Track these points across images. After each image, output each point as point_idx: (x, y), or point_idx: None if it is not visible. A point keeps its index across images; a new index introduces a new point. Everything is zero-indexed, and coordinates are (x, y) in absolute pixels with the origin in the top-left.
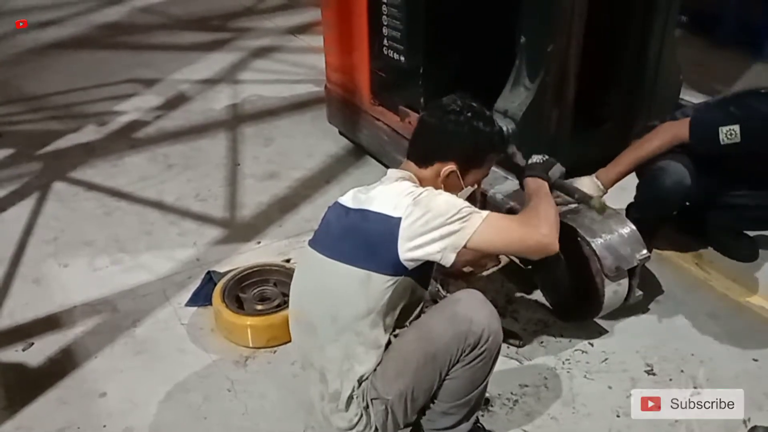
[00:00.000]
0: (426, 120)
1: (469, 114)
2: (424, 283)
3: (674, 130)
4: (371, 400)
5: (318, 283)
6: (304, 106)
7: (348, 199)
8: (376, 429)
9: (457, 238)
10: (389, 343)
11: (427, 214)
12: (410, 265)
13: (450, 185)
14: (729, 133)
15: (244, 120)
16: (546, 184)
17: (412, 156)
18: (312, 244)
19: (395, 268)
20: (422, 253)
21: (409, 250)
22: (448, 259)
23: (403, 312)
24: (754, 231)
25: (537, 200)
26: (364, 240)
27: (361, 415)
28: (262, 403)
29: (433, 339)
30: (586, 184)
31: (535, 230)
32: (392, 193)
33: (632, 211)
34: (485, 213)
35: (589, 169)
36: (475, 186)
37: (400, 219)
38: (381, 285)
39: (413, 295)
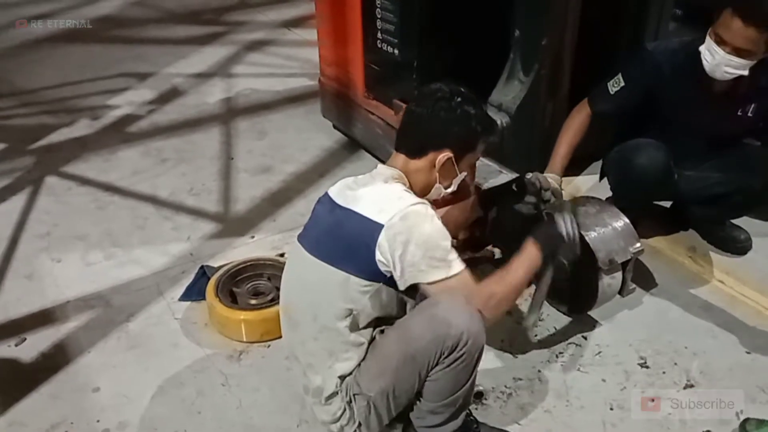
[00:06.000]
0: (415, 110)
1: (459, 99)
2: (409, 293)
3: (582, 103)
4: (354, 395)
5: (301, 280)
6: (298, 100)
7: (336, 193)
8: (360, 424)
9: (415, 276)
10: (374, 339)
11: (408, 234)
12: (386, 273)
13: (445, 173)
14: (614, 83)
15: (238, 114)
16: (539, 260)
17: (403, 148)
18: (300, 238)
19: (373, 274)
20: (386, 263)
21: (380, 252)
22: (402, 286)
23: (386, 317)
24: (741, 217)
25: (508, 280)
26: (345, 241)
27: (344, 410)
28: (255, 398)
29: (412, 340)
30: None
31: (477, 318)
32: (380, 197)
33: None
34: (456, 269)
35: (584, 164)
36: (466, 173)
37: (382, 226)
38: (359, 288)
39: (399, 304)
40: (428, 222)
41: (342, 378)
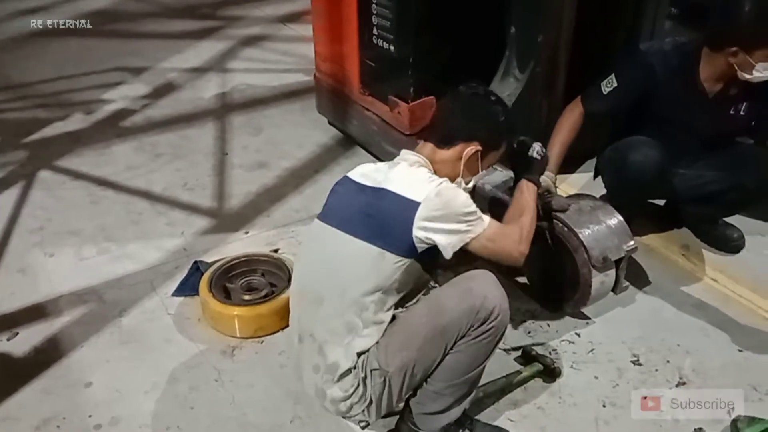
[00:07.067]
0: (451, 103)
1: (493, 98)
2: (429, 269)
3: (575, 102)
4: (371, 371)
5: (330, 256)
6: (293, 96)
7: (359, 176)
8: (371, 401)
9: (461, 238)
10: (394, 318)
11: (446, 208)
12: (420, 247)
13: (469, 167)
14: (607, 83)
15: (233, 109)
16: (534, 187)
17: (433, 138)
18: (323, 218)
19: (408, 249)
20: (430, 237)
21: (420, 229)
22: (448, 254)
23: (407, 294)
24: (736, 215)
25: (527, 212)
26: (381, 219)
27: (357, 386)
28: (249, 393)
29: (444, 312)
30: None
31: (516, 247)
32: (412, 178)
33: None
34: (486, 220)
35: (579, 162)
36: (485, 172)
37: (419, 204)
38: (392, 264)
39: (419, 279)
40: (458, 194)
41: (359, 355)
